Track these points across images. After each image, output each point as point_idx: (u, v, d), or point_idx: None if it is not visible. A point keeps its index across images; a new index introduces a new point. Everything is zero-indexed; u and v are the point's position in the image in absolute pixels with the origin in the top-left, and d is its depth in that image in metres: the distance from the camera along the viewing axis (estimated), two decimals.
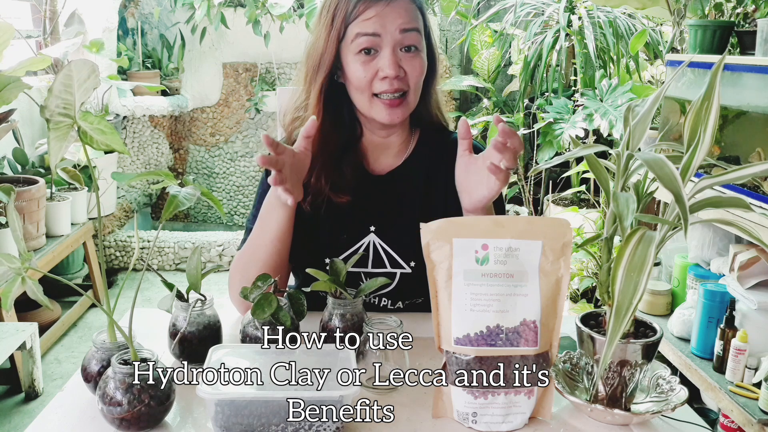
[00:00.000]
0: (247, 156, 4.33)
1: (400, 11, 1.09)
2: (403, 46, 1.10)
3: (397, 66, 1.09)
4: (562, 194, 3.34)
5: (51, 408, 0.87)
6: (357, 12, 1.09)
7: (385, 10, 1.09)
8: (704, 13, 2.16)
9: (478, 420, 0.85)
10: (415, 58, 1.12)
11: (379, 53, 1.10)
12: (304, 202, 1.16)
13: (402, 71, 1.10)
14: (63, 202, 2.83)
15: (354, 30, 1.10)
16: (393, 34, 1.09)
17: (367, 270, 1.19)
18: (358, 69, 1.11)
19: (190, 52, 4.13)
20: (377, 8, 1.08)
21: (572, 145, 1.22)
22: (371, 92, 1.12)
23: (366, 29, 1.09)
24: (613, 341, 0.73)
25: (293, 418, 0.79)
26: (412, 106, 1.15)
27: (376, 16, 1.08)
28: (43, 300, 0.77)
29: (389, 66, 1.09)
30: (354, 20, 1.10)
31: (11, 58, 2.53)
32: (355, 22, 1.10)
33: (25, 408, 2.27)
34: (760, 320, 1.71)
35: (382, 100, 1.12)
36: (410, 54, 1.11)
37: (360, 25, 1.09)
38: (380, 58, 1.10)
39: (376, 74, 1.10)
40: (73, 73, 0.75)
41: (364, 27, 1.09)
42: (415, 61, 1.12)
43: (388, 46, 1.09)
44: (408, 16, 1.10)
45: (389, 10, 1.09)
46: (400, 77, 1.10)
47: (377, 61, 1.10)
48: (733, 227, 0.80)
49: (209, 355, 0.86)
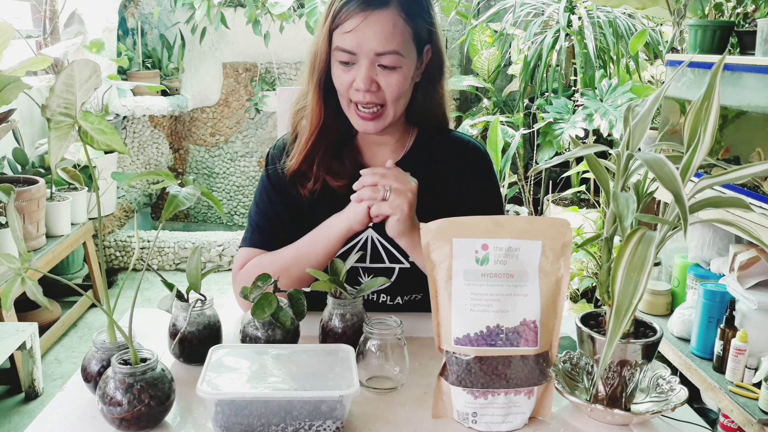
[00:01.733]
0: (247, 156, 4.33)
1: (377, 30, 1.06)
2: (381, 63, 1.09)
3: (369, 81, 1.08)
4: (562, 194, 3.34)
5: (51, 408, 0.87)
6: (339, 20, 1.08)
7: (361, 25, 1.06)
8: (704, 13, 2.16)
9: (478, 420, 0.85)
10: (392, 74, 1.09)
11: (356, 65, 1.09)
12: (303, 188, 1.18)
13: (375, 86, 1.09)
14: (63, 202, 2.83)
15: (335, 41, 1.10)
16: (368, 55, 1.08)
17: (365, 265, 1.20)
18: (338, 75, 1.12)
19: (190, 52, 4.13)
20: (356, 21, 1.06)
21: (572, 145, 1.22)
22: (348, 98, 1.13)
23: (344, 44, 1.08)
24: (613, 341, 0.73)
25: (293, 418, 0.79)
26: (392, 117, 1.14)
27: (353, 32, 1.06)
28: (43, 300, 0.77)
29: (362, 81, 1.08)
30: (336, 28, 1.09)
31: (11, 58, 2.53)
32: (337, 31, 1.09)
33: (25, 408, 2.27)
34: (760, 320, 1.71)
35: (357, 111, 1.12)
36: (387, 70, 1.09)
37: (339, 38, 1.09)
38: (356, 70, 1.09)
39: (352, 83, 1.10)
40: (75, 73, 0.75)
41: (342, 41, 1.08)
42: (391, 78, 1.09)
43: (363, 62, 1.08)
44: (384, 38, 1.06)
45: (365, 26, 1.06)
46: (373, 92, 1.09)
47: (353, 72, 1.10)
48: (733, 227, 0.80)
49: (209, 355, 0.86)
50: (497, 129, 3.05)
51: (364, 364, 0.92)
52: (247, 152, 4.32)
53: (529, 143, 3.57)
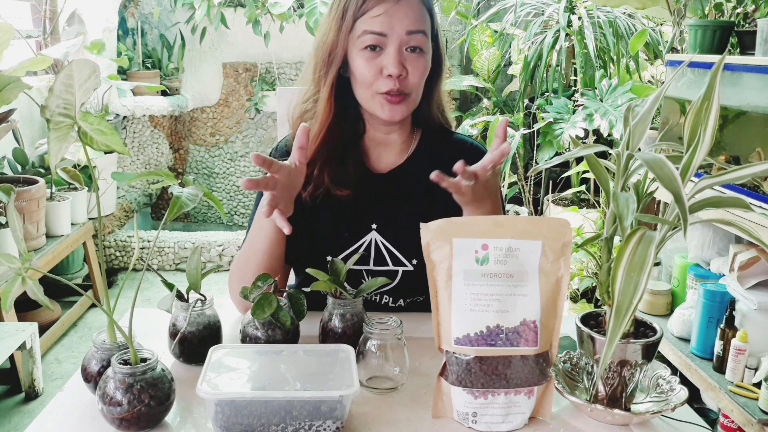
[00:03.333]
0: (247, 156, 4.33)
1: (408, 11, 1.09)
2: (409, 46, 1.10)
3: (401, 65, 1.09)
4: (562, 194, 3.34)
5: (51, 408, 0.87)
6: (366, 7, 1.09)
7: (393, 8, 1.08)
8: (704, 13, 2.16)
9: (478, 420, 0.85)
10: (419, 59, 1.11)
11: (384, 51, 1.10)
12: (303, 192, 1.17)
13: (405, 71, 1.10)
14: (63, 202, 2.83)
15: (361, 26, 1.10)
16: (399, 35, 1.09)
17: (369, 268, 1.20)
18: (362, 65, 1.11)
19: (190, 52, 4.13)
20: (386, 5, 1.08)
21: (572, 145, 1.22)
22: (374, 89, 1.12)
23: (373, 27, 1.09)
24: (613, 341, 0.73)
25: (293, 418, 0.79)
26: (414, 105, 1.15)
27: (384, 14, 1.08)
28: (44, 300, 0.77)
29: (393, 65, 1.08)
30: (362, 16, 1.09)
31: (11, 58, 2.53)
32: (363, 18, 1.09)
33: (25, 408, 2.27)
34: (760, 320, 1.71)
35: (384, 96, 1.12)
36: (415, 54, 1.11)
37: (368, 22, 1.09)
38: (385, 56, 1.10)
39: (380, 72, 1.10)
40: (74, 73, 0.74)
41: (372, 24, 1.09)
42: (418, 62, 1.11)
43: (393, 45, 1.09)
44: (415, 17, 1.10)
45: (397, 8, 1.08)
46: (403, 77, 1.10)
47: (382, 58, 1.10)
48: (733, 227, 0.80)
49: (209, 355, 0.86)
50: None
51: (364, 364, 0.92)
52: (247, 152, 4.32)
53: (529, 143, 3.57)
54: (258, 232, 1.12)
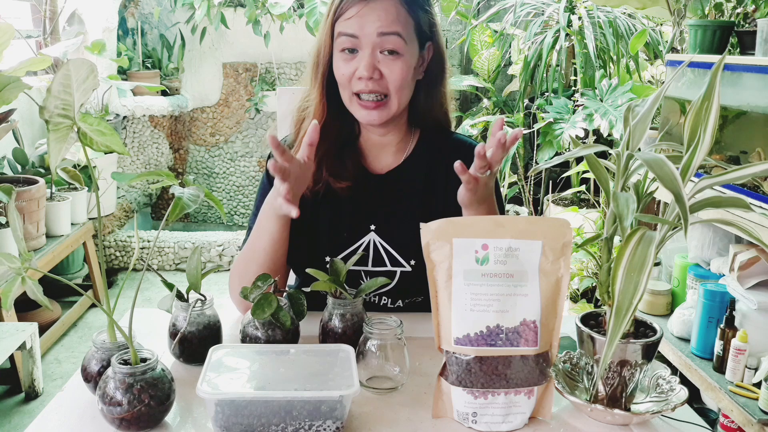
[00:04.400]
0: (247, 156, 4.33)
1: (380, 13, 1.08)
2: (384, 49, 1.10)
3: (372, 68, 1.09)
4: (562, 194, 3.34)
5: (51, 408, 0.87)
6: (341, 10, 1.10)
7: (363, 10, 1.08)
8: (704, 13, 2.16)
9: (478, 420, 0.85)
10: (395, 61, 1.10)
11: (359, 53, 1.10)
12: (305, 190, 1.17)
13: (378, 73, 1.10)
14: (63, 202, 2.83)
15: (338, 28, 1.11)
16: (371, 37, 1.09)
17: (367, 268, 1.20)
18: (340, 66, 1.12)
19: (190, 52, 4.13)
20: (357, 7, 1.09)
21: (572, 145, 1.22)
22: (351, 90, 1.13)
23: (346, 29, 1.10)
24: (613, 341, 0.73)
25: (293, 418, 0.79)
26: (394, 109, 1.14)
27: (356, 17, 1.09)
28: (43, 300, 0.77)
29: (364, 67, 1.09)
30: (338, 18, 1.11)
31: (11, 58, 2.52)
32: (339, 20, 1.11)
33: (25, 408, 2.27)
34: (760, 320, 1.70)
35: (360, 101, 1.12)
36: (390, 57, 1.10)
37: (342, 24, 1.10)
38: (358, 58, 1.10)
39: (354, 73, 1.11)
40: (72, 73, 0.74)
41: (345, 27, 1.10)
42: (394, 65, 1.10)
43: (367, 47, 1.09)
44: (389, 19, 1.09)
45: (369, 10, 1.08)
46: (376, 79, 1.10)
47: (356, 60, 1.11)
48: (733, 227, 0.80)
49: (209, 355, 0.86)
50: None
51: (364, 364, 0.92)
52: (247, 152, 4.32)
53: (529, 143, 3.57)
54: (261, 231, 1.11)
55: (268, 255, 1.11)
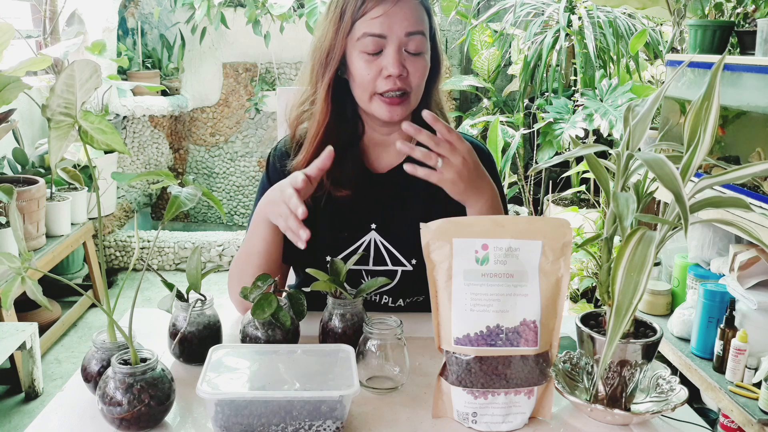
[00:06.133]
0: (247, 156, 4.33)
1: (407, 13, 1.09)
2: (408, 48, 1.10)
3: (401, 65, 1.09)
4: (562, 194, 3.34)
5: (51, 408, 0.87)
6: (365, 9, 1.09)
7: (392, 9, 1.08)
8: (704, 13, 2.16)
9: (478, 420, 0.85)
10: (418, 60, 1.11)
11: (384, 52, 1.10)
12: None
13: (405, 71, 1.10)
14: (63, 202, 2.83)
15: (361, 28, 1.10)
16: (399, 36, 1.09)
17: (368, 267, 1.20)
18: (362, 66, 1.11)
19: (190, 52, 4.13)
20: (385, 6, 1.08)
21: (572, 145, 1.22)
22: (373, 90, 1.12)
23: (372, 29, 1.09)
24: (613, 341, 0.73)
25: (293, 418, 0.79)
26: (413, 106, 1.15)
27: (384, 16, 1.08)
28: (43, 300, 0.77)
29: (393, 65, 1.08)
30: (361, 17, 1.09)
31: (11, 58, 2.53)
32: (362, 20, 1.09)
33: (25, 408, 2.27)
34: (760, 320, 1.71)
35: (383, 98, 1.12)
36: (413, 57, 1.11)
37: (367, 24, 1.09)
38: (384, 57, 1.10)
39: (379, 73, 1.10)
40: (76, 73, 0.75)
41: (371, 26, 1.09)
42: (418, 63, 1.11)
43: (393, 46, 1.09)
44: (414, 19, 1.10)
45: (396, 9, 1.09)
46: (403, 77, 1.10)
47: (381, 59, 1.10)
48: (733, 227, 0.80)
49: (209, 355, 0.86)
50: (497, 129, 3.05)
51: (364, 364, 0.92)
52: (247, 152, 4.32)
53: (529, 143, 3.57)
54: (254, 235, 1.12)
55: (262, 257, 1.12)
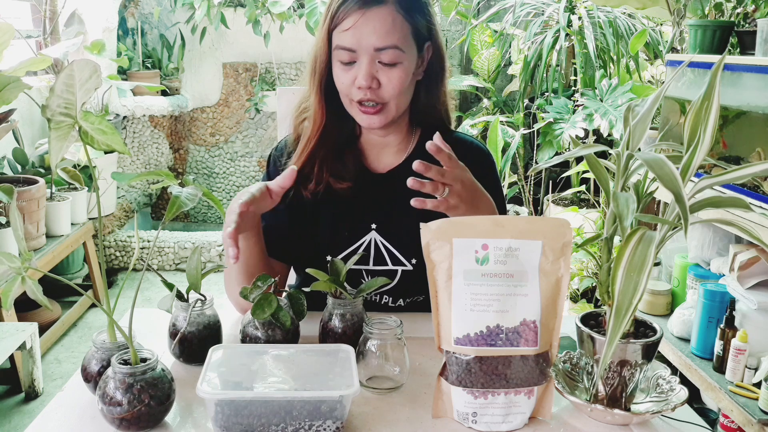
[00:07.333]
0: (247, 156, 4.33)
1: (376, 25, 1.07)
2: (381, 60, 1.09)
3: (370, 78, 1.09)
4: (562, 194, 3.34)
5: (51, 408, 0.87)
6: (338, 19, 1.09)
7: (360, 21, 1.07)
8: (704, 13, 2.16)
9: (478, 420, 0.85)
10: (393, 70, 1.10)
11: (357, 62, 1.10)
12: (305, 190, 1.17)
13: (376, 83, 1.10)
14: (63, 202, 2.83)
15: (335, 40, 1.11)
16: (367, 51, 1.08)
17: (368, 267, 1.20)
18: (339, 74, 1.12)
19: (190, 52, 4.13)
20: (354, 17, 1.07)
21: (572, 145, 1.22)
22: (350, 98, 1.13)
23: (343, 42, 1.09)
24: (613, 341, 0.73)
25: (293, 418, 0.79)
26: (393, 113, 1.14)
27: (352, 29, 1.07)
28: (43, 300, 0.77)
29: (362, 77, 1.08)
30: (335, 28, 1.10)
31: (11, 58, 2.53)
32: (336, 31, 1.10)
33: (25, 408, 2.27)
34: (760, 320, 1.71)
35: (360, 107, 1.12)
36: (387, 67, 1.09)
37: (338, 36, 1.10)
38: (356, 67, 1.10)
39: (353, 82, 1.10)
40: (75, 73, 0.75)
41: (342, 39, 1.09)
42: (392, 74, 1.10)
43: (364, 58, 1.09)
44: (384, 31, 1.07)
45: (364, 22, 1.07)
46: (374, 89, 1.10)
47: (354, 69, 1.10)
48: (733, 227, 0.80)
49: (209, 355, 0.86)
50: (497, 129, 3.05)
51: (364, 364, 0.92)
52: (247, 152, 4.32)
53: (529, 143, 3.57)
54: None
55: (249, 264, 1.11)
